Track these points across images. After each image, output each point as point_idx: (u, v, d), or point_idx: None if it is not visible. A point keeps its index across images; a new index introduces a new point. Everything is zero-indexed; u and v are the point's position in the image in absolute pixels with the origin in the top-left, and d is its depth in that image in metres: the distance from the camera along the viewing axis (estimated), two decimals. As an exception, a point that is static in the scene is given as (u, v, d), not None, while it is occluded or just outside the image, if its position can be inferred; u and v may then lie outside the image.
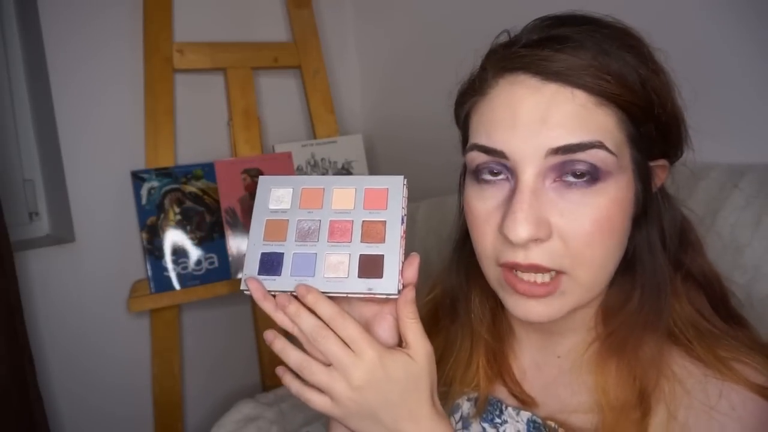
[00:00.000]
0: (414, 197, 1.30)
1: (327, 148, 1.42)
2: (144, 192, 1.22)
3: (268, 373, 1.38)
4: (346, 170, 1.43)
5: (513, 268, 0.48)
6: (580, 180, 0.45)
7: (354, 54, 1.61)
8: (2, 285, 1.04)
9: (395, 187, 0.52)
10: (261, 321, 1.37)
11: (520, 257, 0.47)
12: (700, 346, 0.48)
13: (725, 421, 0.45)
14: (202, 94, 1.36)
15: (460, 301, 0.61)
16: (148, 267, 1.21)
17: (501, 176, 0.49)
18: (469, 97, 0.52)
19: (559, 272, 0.47)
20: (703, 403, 0.46)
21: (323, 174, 1.40)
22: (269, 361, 1.38)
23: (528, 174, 0.46)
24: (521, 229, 0.45)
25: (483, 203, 0.50)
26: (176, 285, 1.23)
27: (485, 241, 0.50)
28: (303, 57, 1.44)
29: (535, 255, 0.46)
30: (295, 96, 1.50)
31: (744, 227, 0.73)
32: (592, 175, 0.45)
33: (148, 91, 1.26)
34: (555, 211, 0.46)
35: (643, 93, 0.46)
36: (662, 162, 0.51)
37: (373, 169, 1.53)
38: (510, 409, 0.55)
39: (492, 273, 0.51)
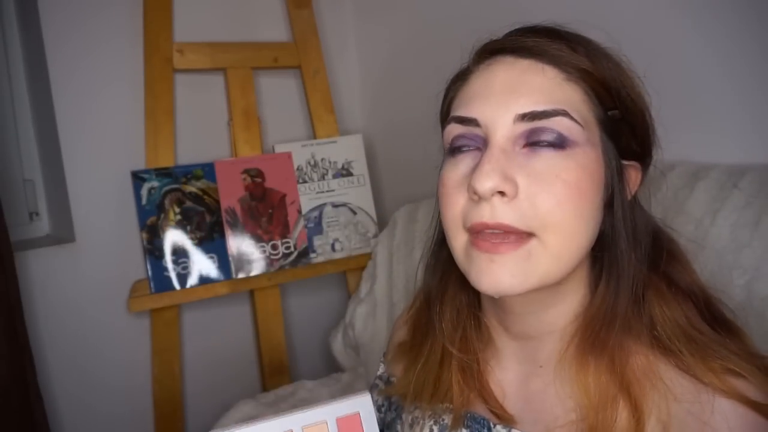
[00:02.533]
0: (414, 197, 1.31)
1: (327, 148, 1.42)
2: (144, 192, 1.23)
3: (268, 373, 1.38)
4: (346, 170, 1.43)
5: (480, 229, 0.48)
6: (548, 146, 0.47)
7: (354, 54, 1.61)
8: (2, 285, 1.04)
9: (365, 407, 0.49)
10: (261, 321, 1.37)
11: (486, 215, 0.46)
12: (690, 354, 0.47)
13: None
14: (202, 94, 1.36)
15: (433, 310, 0.59)
16: (148, 267, 1.21)
17: (473, 147, 0.51)
18: (453, 86, 0.55)
19: (528, 234, 0.47)
20: (698, 418, 0.45)
21: (323, 175, 1.40)
22: (269, 361, 1.38)
23: (498, 136, 0.48)
24: (487, 179, 0.46)
25: (454, 172, 0.51)
26: (176, 285, 1.23)
27: (455, 209, 0.50)
28: (303, 57, 1.44)
29: (502, 213, 0.46)
30: (295, 96, 1.50)
31: (744, 227, 0.73)
32: (560, 142, 0.47)
33: (148, 90, 1.26)
34: (523, 173, 0.47)
35: (610, 76, 0.50)
36: (634, 163, 0.53)
37: (373, 169, 1.53)
38: (499, 427, 0.54)
39: (459, 243, 0.50)
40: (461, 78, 0.54)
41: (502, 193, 0.46)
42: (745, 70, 0.81)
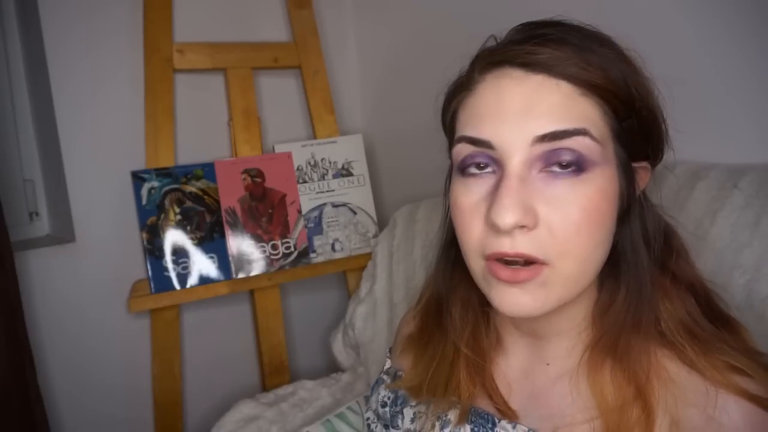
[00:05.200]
0: (414, 197, 1.30)
1: (327, 148, 1.42)
2: (144, 192, 1.22)
3: (268, 373, 1.38)
4: (346, 170, 1.43)
5: (499, 258, 0.48)
6: (566, 170, 0.46)
7: (354, 54, 1.61)
8: (2, 285, 1.04)
9: None
10: (261, 321, 1.37)
11: (506, 246, 0.46)
12: (692, 350, 0.48)
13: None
14: (202, 94, 1.36)
15: (443, 309, 0.60)
16: (148, 267, 1.21)
17: (487, 169, 0.49)
18: (456, 95, 0.53)
19: (542, 264, 0.47)
20: (704, 412, 0.46)
21: (323, 175, 1.40)
22: (269, 361, 1.38)
23: (515, 162, 0.46)
24: (508, 214, 0.44)
25: (469, 197, 0.49)
26: (176, 285, 1.23)
27: (472, 235, 0.49)
28: (303, 57, 1.44)
29: (522, 244, 0.46)
30: (295, 96, 1.50)
31: (744, 227, 0.73)
32: (579, 165, 0.46)
33: (148, 90, 1.26)
34: (541, 199, 0.46)
35: (624, 87, 0.47)
36: (644, 164, 0.52)
37: (373, 169, 1.53)
38: (504, 422, 0.54)
39: (477, 267, 0.51)
40: (466, 87, 0.51)
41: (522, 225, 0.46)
42: (746, 69, 0.81)
